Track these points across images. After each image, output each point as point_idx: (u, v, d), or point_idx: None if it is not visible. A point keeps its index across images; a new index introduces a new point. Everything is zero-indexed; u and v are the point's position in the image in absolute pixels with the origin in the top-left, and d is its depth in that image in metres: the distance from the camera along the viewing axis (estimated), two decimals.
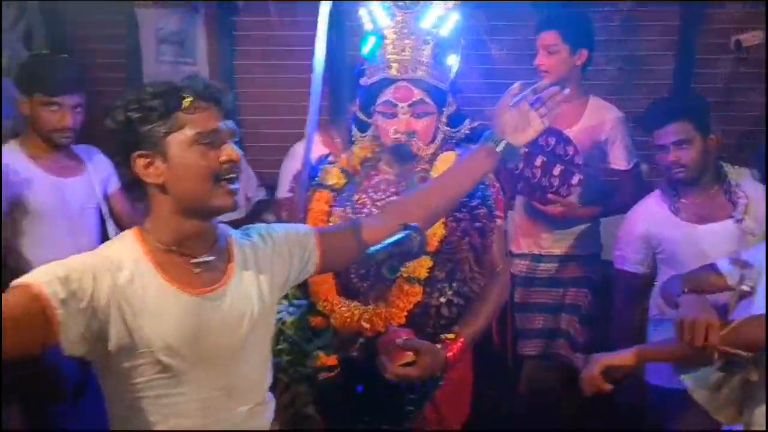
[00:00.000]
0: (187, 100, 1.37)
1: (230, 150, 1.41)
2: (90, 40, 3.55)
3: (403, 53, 1.94)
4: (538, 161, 2.73)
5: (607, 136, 2.89)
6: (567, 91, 1.68)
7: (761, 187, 2.30)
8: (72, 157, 2.57)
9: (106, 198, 2.70)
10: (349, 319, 1.93)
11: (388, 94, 1.96)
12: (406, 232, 1.52)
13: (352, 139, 2.14)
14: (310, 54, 3.67)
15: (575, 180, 2.71)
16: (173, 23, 3.62)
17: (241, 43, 3.75)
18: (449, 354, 1.85)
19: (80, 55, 2.91)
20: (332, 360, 1.92)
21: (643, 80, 3.70)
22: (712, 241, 2.37)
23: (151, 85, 1.40)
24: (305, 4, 3.30)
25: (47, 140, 2.46)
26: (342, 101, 2.85)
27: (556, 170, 2.72)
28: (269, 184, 3.47)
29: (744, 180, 2.40)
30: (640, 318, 2.63)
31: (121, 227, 2.69)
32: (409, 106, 1.94)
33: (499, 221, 2.02)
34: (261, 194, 3.64)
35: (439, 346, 1.85)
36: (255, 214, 3.65)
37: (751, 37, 3.56)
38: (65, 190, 2.52)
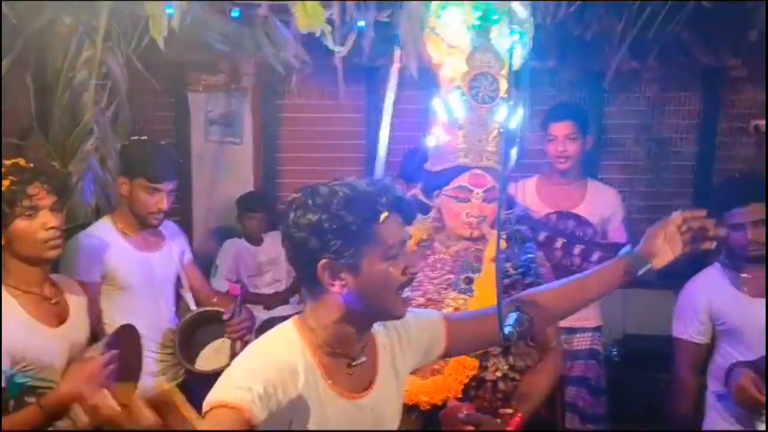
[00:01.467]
0: (384, 215, 1.33)
1: (412, 260, 1.40)
2: (144, 120, 3.72)
3: (478, 144, 2.06)
4: (559, 243, 2.86)
5: (608, 214, 3.04)
6: (724, 230, 1.67)
7: None
8: (156, 232, 2.67)
9: (183, 268, 2.79)
10: (406, 393, 1.96)
11: (462, 180, 2.06)
12: (517, 312, 1.58)
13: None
14: (351, 135, 3.87)
15: (595, 257, 2.81)
16: (222, 105, 3.80)
17: (287, 124, 3.91)
18: (510, 428, 1.88)
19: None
20: None
21: (668, 161, 3.82)
22: None
23: (341, 188, 1.33)
24: (347, 87, 3.47)
25: (141, 220, 2.57)
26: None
27: (576, 250, 2.84)
28: None
29: None
30: (699, 388, 2.64)
31: (195, 294, 2.79)
32: (484, 191, 2.05)
33: None
34: None
35: (499, 420, 1.89)
36: (294, 287, 3.74)
37: None
38: (151, 265, 2.62)
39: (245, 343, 2.41)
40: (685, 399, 2.63)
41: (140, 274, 2.57)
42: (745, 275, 2.48)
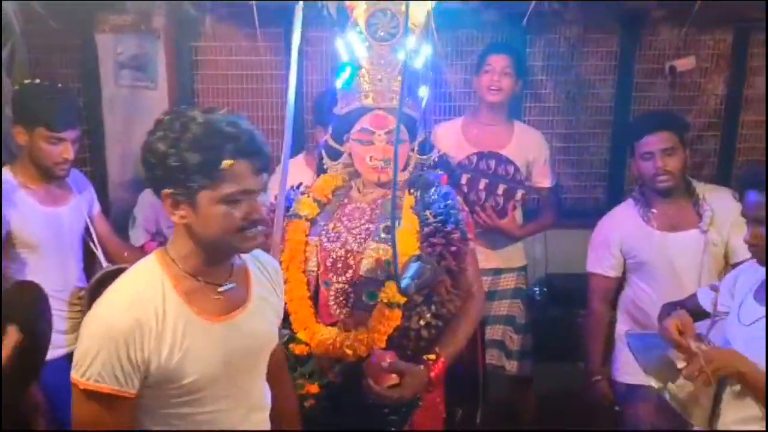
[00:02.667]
0: (227, 162, 1.35)
1: (255, 206, 1.42)
2: (48, 64, 3.50)
3: (380, 83, 2.01)
4: (482, 184, 2.89)
5: (534, 156, 3.06)
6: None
7: (726, 202, 2.41)
8: (62, 184, 2.53)
9: (91, 218, 2.67)
10: (331, 346, 1.96)
11: (365, 122, 2.01)
12: (418, 263, 1.58)
13: (324, 167, 2.19)
14: (271, 79, 3.75)
15: (519, 195, 2.91)
16: (132, 47, 3.60)
17: (202, 68, 3.76)
18: (432, 374, 1.91)
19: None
20: (315, 387, 1.96)
21: (587, 103, 3.87)
22: (679, 249, 2.52)
23: (195, 126, 1.35)
24: (264, 29, 3.35)
25: (45, 172, 2.41)
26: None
27: (500, 189, 2.91)
28: None
29: (710, 194, 2.54)
30: (609, 321, 2.78)
31: (104, 249, 2.67)
32: (386, 133, 2.00)
33: (471, 244, 2.09)
34: None
35: (422, 367, 1.91)
36: None
37: (685, 63, 3.76)
38: (60, 220, 2.48)
39: None
40: (597, 331, 2.75)
41: (47, 230, 2.43)
42: (655, 210, 2.59)
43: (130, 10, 3.47)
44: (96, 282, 2.42)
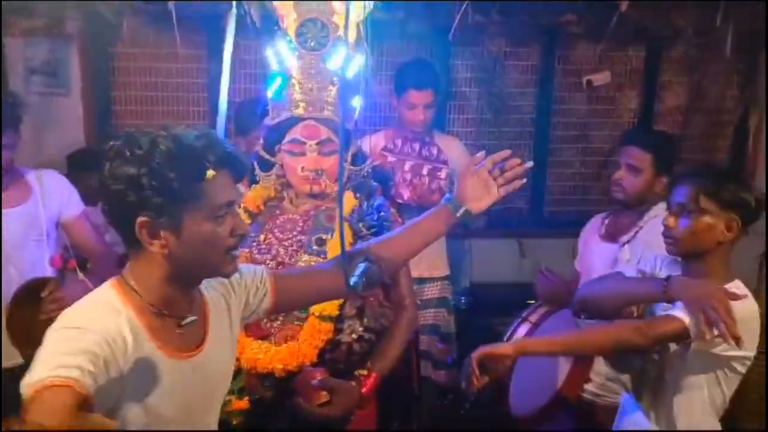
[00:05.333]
0: (211, 173, 1.24)
1: (239, 220, 1.33)
2: None
3: (311, 93, 1.97)
4: (407, 166, 2.90)
5: (456, 162, 3.04)
6: (530, 164, 1.67)
7: (656, 226, 2.22)
8: (16, 184, 2.39)
9: (61, 224, 2.51)
10: (260, 360, 1.90)
11: (295, 133, 1.98)
12: (365, 263, 1.55)
13: (255, 178, 2.13)
14: (191, 87, 3.66)
15: (443, 174, 2.93)
16: (43, 53, 3.44)
17: (119, 75, 3.62)
18: (364, 390, 1.88)
19: None
20: (244, 403, 1.90)
21: (510, 114, 3.95)
22: (600, 259, 2.57)
23: (164, 141, 1.22)
24: (185, 35, 3.26)
25: None
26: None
27: (425, 170, 2.93)
28: None
29: (657, 221, 2.21)
30: None
31: (81, 254, 2.53)
32: (317, 144, 1.97)
33: None
34: None
35: (353, 383, 1.87)
36: None
37: (600, 77, 3.90)
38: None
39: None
40: None
41: None
42: (608, 221, 2.67)
43: (42, 13, 3.31)
44: (21, 294, 2.26)
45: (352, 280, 1.53)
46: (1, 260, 2.33)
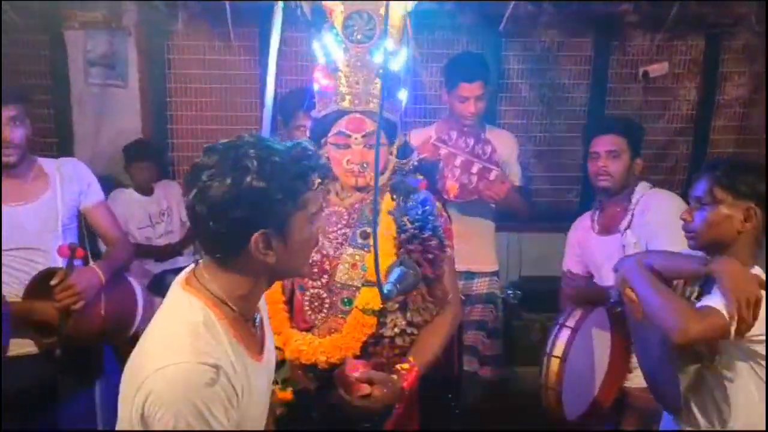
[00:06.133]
0: (318, 181, 1.34)
1: (323, 222, 1.41)
2: (16, 60, 3.41)
3: (357, 86, 1.97)
4: (458, 161, 2.88)
5: (506, 155, 3.06)
6: None
7: (656, 202, 2.49)
8: (35, 176, 2.37)
9: (81, 212, 2.50)
10: (304, 352, 1.93)
11: (341, 126, 1.98)
12: (400, 268, 1.56)
13: None
14: (244, 79, 3.71)
15: (492, 176, 2.88)
16: (102, 45, 3.54)
17: (174, 66, 3.69)
18: (405, 384, 1.87)
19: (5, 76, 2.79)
20: (288, 394, 1.92)
21: (562, 106, 3.89)
22: (606, 252, 2.56)
23: (274, 153, 1.25)
24: (239, 28, 3.30)
25: None
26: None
27: (475, 168, 2.89)
28: None
29: (647, 197, 2.56)
30: None
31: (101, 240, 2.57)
32: (363, 137, 1.96)
33: (449, 251, 2.06)
34: None
35: (394, 377, 1.87)
36: (188, 239, 3.61)
37: (658, 68, 3.80)
38: (19, 219, 2.31)
39: (71, 314, 2.25)
40: None
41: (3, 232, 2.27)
42: (600, 214, 2.70)
43: (101, 6, 3.40)
44: (34, 285, 2.29)
45: (386, 288, 1.54)
46: (1, 260, 2.31)
